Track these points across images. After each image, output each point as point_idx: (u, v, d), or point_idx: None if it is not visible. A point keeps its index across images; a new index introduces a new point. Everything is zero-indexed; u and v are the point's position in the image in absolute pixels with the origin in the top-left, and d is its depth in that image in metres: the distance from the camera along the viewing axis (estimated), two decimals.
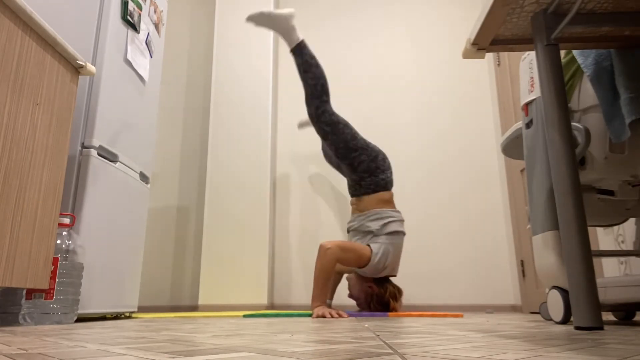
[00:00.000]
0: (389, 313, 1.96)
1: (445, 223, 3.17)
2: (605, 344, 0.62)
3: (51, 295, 1.32)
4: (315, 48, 3.67)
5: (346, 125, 2.19)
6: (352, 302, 3.05)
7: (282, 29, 2.19)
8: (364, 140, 2.21)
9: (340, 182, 3.36)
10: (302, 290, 3.16)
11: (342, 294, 3.06)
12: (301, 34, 2.05)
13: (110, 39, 1.73)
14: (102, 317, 1.84)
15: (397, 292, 2.13)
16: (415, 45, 3.55)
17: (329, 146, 2.22)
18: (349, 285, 2.24)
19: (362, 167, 2.15)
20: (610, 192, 1.34)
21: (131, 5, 1.87)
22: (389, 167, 2.22)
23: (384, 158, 2.21)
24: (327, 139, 2.20)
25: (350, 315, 1.85)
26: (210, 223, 3.14)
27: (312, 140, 3.48)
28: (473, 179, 3.22)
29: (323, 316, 1.76)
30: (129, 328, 1.07)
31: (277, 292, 3.23)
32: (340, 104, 3.52)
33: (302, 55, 2.15)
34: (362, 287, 2.15)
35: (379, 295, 2.10)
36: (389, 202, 2.17)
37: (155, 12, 2.12)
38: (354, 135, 2.18)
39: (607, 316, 1.69)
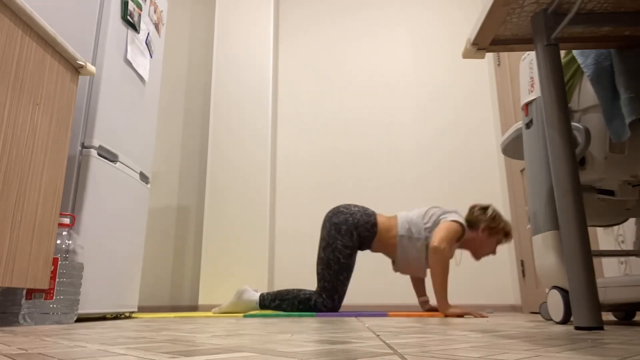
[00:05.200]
0: (389, 313, 1.96)
1: None
2: (605, 344, 0.62)
3: (51, 295, 1.32)
4: (315, 48, 3.68)
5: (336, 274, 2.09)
6: (360, 303, 3.06)
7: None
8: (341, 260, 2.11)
9: (340, 182, 3.36)
10: None
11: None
12: (256, 295, 2.12)
13: (110, 39, 1.73)
14: (102, 317, 1.84)
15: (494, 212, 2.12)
16: (415, 45, 3.55)
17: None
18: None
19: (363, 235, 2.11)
20: (611, 192, 1.34)
21: (131, 5, 1.87)
22: (360, 212, 2.18)
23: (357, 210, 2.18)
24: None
25: (350, 315, 1.85)
26: (210, 223, 3.14)
27: (312, 140, 3.49)
28: (473, 179, 3.22)
29: (461, 316, 1.78)
30: (129, 328, 1.07)
31: None
32: (339, 104, 3.52)
33: (270, 303, 2.10)
34: (482, 242, 2.11)
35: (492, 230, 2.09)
36: (390, 225, 2.16)
37: (155, 12, 2.12)
38: (340, 268, 2.09)
39: (607, 316, 1.69)
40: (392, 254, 2.17)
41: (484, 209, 2.13)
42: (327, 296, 2.06)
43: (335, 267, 2.07)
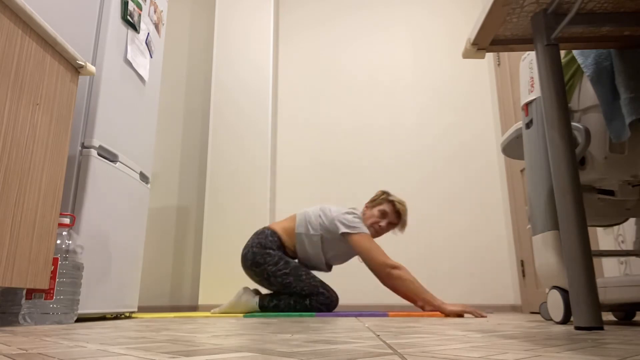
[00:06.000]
0: (389, 313, 1.95)
1: (446, 223, 3.17)
2: (605, 344, 0.62)
3: (51, 295, 1.32)
4: (315, 48, 3.68)
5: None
6: (360, 303, 3.06)
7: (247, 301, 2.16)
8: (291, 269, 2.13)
9: (339, 182, 3.36)
10: None
11: (346, 292, 3.07)
12: (256, 300, 2.13)
13: (110, 39, 1.73)
14: (102, 317, 1.84)
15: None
16: (415, 45, 3.55)
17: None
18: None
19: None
20: (611, 192, 1.34)
21: (131, 5, 1.87)
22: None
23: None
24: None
25: (350, 315, 1.85)
26: (210, 223, 3.14)
27: (312, 140, 3.49)
28: (473, 179, 3.22)
29: (461, 315, 1.78)
30: (129, 328, 1.07)
31: None
32: (339, 104, 3.52)
33: (269, 303, 2.10)
34: (367, 218, 2.19)
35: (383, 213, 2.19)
36: (289, 226, 2.23)
37: (155, 12, 2.12)
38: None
39: (607, 316, 1.69)
40: (294, 251, 2.22)
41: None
42: (315, 296, 2.07)
43: (291, 279, 2.08)
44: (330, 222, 2.14)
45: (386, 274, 1.96)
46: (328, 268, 2.27)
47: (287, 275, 2.08)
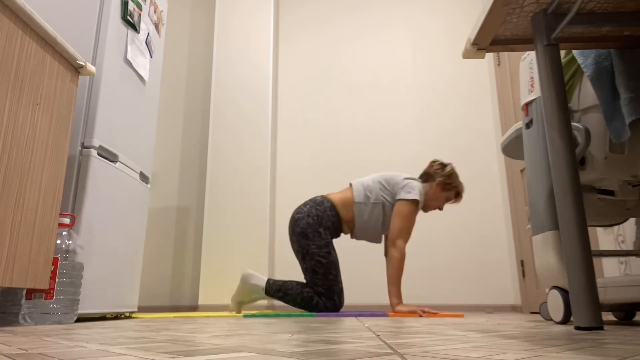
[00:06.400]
0: (389, 313, 1.96)
1: (445, 223, 3.17)
2: (605, 344, 0.62)
3: (51, 295, 1.32)
4: (315, 48, 3.68)
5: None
6: (360, 303, 3.06)
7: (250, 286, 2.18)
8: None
9: (339, 182, 3.36)
10: None
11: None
12: (263, 280, 2.14)
13: (110, 39, 1.73)
14: (102, 317, 1.84)
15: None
16: (415, 45, 3.55)
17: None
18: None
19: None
20: (611, 192, 1.34)
21: (131, 5, 1.87)
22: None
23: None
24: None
25: (350, 315, 1.86)
26: (210, 223, 3.14)
27: (312, 140, 3.48)
28: (473, 179, 3.22)
29: (411, 314, 1.81)
30: (129, 328, 1.07)
31: None
32: (339, 104, 3.52)
33: (275, 293, 2.12)
34: (433, 196, 2.20)
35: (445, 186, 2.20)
36: (346, 197, 2.20)
37: (155, 12, 2.12)
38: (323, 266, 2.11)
39: (607, 316, 1.69)
40: (351, 223, 2.20)
41: (444, 165, 2.21)
42: (326, 298, 2.07)
43: (321, 270, 2.09)
44: (393, 188, 2.14)
45: (394, 244, 2.02)
46: (379, 239, 2.26)
47: (321, 266, 2.08)
